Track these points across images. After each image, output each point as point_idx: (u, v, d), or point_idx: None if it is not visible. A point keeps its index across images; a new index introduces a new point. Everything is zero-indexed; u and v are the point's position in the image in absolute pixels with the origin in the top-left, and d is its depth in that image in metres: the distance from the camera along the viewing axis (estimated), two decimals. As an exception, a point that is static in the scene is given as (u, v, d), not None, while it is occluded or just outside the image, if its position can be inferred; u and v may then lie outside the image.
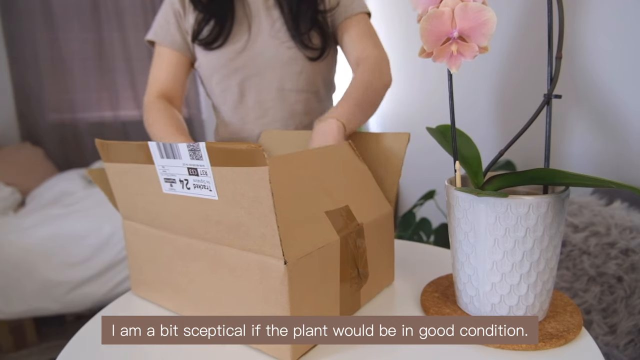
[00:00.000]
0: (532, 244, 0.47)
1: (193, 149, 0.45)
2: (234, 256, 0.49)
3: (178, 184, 0.50)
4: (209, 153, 0.44)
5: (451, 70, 0.46)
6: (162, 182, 0.52)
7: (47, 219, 1.89)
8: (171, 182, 0.51)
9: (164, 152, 0.49)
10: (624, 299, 0.91)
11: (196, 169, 0.47)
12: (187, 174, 0.48)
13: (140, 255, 0.62)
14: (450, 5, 0.43)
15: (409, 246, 0.77)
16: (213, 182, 0.46)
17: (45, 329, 1.95)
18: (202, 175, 0.46)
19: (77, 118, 2.90)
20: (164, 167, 0.50)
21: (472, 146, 0.56)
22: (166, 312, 0.60)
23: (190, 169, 0.47)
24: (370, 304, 0.59)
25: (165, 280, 0.59)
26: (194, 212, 0.50)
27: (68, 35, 2.79)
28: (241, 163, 0.42)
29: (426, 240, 1.66)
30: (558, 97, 0.47)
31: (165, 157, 0.49)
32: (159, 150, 0.49)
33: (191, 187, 0.49)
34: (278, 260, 0.44)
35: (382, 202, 0.62)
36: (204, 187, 0.47)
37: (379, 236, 0.60)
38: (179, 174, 0.49)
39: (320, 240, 0.49)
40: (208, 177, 0.46)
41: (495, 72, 1.63)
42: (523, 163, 1.52)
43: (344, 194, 0.56)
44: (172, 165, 0.49)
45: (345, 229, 0.53)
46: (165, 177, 0.51)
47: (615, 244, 0.95)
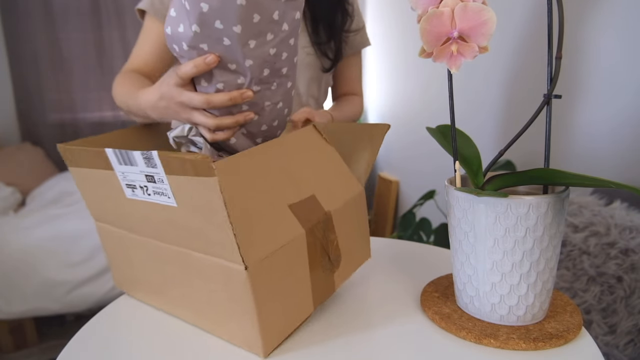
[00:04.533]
0: (532, 244, 0.47)
1: (147, 157, 0.46)
2: (200, 260, 0.49)
3: (139, 189, 0.50)
4: (162, 162, 0.45)
5: (451, 70, 0.46)
6: (124, 187, 0.52)
7: (47, 219, 1.89)
8: (132, 188, 0.51)
9: (121, 159, 0.49)
10: (623, 299, 0.91)
11: (153, 176, 0.47)
12: (146, 181, 0.49)
13: (116, 256, 0.63)
14: (450, 5, 0.44)
15: (409, 246, 0.77)
16: (170, 189, 0.47)
17: (45, 329, 1.95)
18: (159, 182, 0.47)
19: (77, 118, 2.90)
20: (123, 174, 0.51)
21: (472, 146, 0.56)
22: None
23: (147, 175, 0.48)
24: (370, 303, 0.59)
25: (142, 280, 0.60)
26: (158, 217, 0.51)
27: (68, 35, 2.79)
28: (193, 173, 0.43)
29: (426, 240, 1.66)
30: (558, 97, 0.47)
31: (123, 164, 0.49)
32: (117, 157, 0.49)
33: (151, 193, 0.49)
34: (239, 266, 0.45)
35: (352, 184, 0.61)
36: (163, 194, 0.48)
37: (351, 218, 0.59)
38: (138, 180, 0.49)
39: (283, 236, 0.49)
40: (165, 185, 0.47)
41: (495, 72, 1.63)
42: (523, 163, 1.52)
43: (311, 182, 0.55)
44: (131, 172, 0.49)
45: (311, 220, 0.52)
46: (126, 182, 0.51)
47: (615, 244, 0.95)
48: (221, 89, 0.55)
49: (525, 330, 0.49)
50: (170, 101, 0.58)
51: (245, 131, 0.60)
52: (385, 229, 2.38)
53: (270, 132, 0.62)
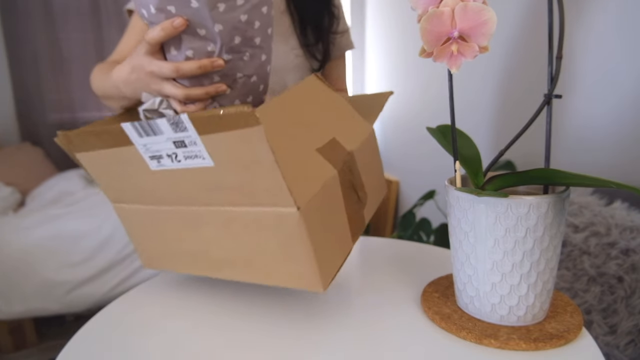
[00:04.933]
0: (533, 244, 0.47)
1: (175, 123, 0.45)
2: (245, 214, 0.49)
3: (166, 158, 0.49)
4: (194, 123, 0.44)
5: (451, 70, 0.46)
6: (148, 160, 0.51)
7: (47, 219, 1.89)
8: (158, 159, 0.50)
9: (142, 131, 0.48)
10: (624, 299, 0.91)
11: (183, 140, 0.46)
12: (174, 148, 0.47)
13: (142, 234, 0.61)
14: (450, 5, 0.43)
15: (409, 246, 0.77)
16: (204, 150, 0.46)
17: (45, 329, 1.95)
18: (190, 145, 0.46)
19: (77, 118, 2.90)
20: (145, 146, 0.49)
21: (472, 146, 0.56)
22: (172, 308, 0.60)
23: (176, 142, 0.47)
24: (370, 303, 0.59)
25: (177, 251, 0.59)
26: (191, 182, 0.50)
27: (68, 35, 2.79)
28: (233, 127, 0.42)
29: (426, 240, 1.66)
30: (558, 97, 0.47)
31: (145, 136, 0.48)
32: (136, 131, 0.48)
33: (182, 159, 0.48)
34: (291, 208, 0.46)
35: (364, 125, 0.63)
36: (196, 157, 0.47)
37: (368, 157, 0.61)
38: (164, 148, 0.48)
39: (321, 177, 0.49)
40: (198, 147, 0.46)
41: (496, 72, 1.63)
42: (523, 163, 1.52)
43: (329, 127, 0.56)
44: (155, 142, 0.48)
45: (338, 161, 0.53)
46: (149, 155, 0.50)
47: (616, 244, 0.95)
48: (191, 57, 0.53)
49: (526, 331, 0.49)
50: (140, 72, 0.57)
51: (218, 105, 0.59)
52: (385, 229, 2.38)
53: None
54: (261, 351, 0.50)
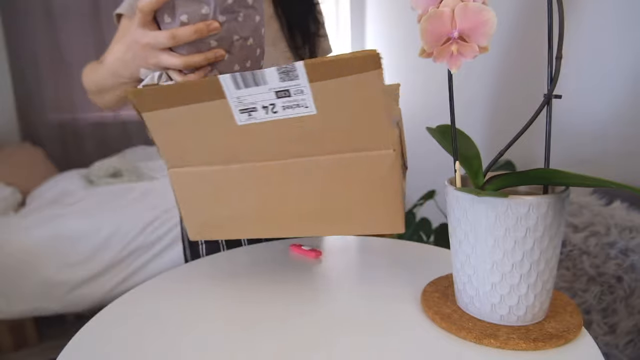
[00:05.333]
0: (532, 244, 0.47)
1: (285, 71, 0.47)
2: (335, 162, 0.53)
3: (260, 111, 0.51)
4: (308, 69, 0.46)
5: (451, 71, 0.46)
6: (237, 114, 0.52)
7: (47, 219, 1.90)
8: (250, 112, 0.51)
9: (241, 82, 0.49)
10: (623, 299, 0.91)
11: (288, 89, 0.48)
12: (275, 98, 0.50)
13: (198, 200, 0.61)
14: (450, 5, 0.44)
15: (409, 246, 0.77)
16: (311, 97, 0.49)
17: (46, 328, 1.95)
18: (295, 94, 0.49)
19: (77, 118, 2.91)
20: (239, 98, 0.51)
21: (472, 146, 0.56)
22: (173, 308, 0.60)
23: (279, 91, 0.49)
24: (370, 303, 0.59)
25: (242, 214, 0.60)
26: (283, 132, 0.52)
27: (68, 35, 2.79)
28: (355, 71, 0.46)
29: (426, 240, 1.67)
30: (558, 97, 0.47)
31: (243, 87, 0.49)
32: (234, 82, 0.49)
33: (279, 109, 0.50)
34: (387, 150, 0.52)
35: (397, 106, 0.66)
36: (298, 106, 0.50)
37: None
38: (261, 100, 0.50)
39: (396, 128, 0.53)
40: (304, 95, 0.49)
41: (495, 72, 1.63)
42: (523, 163, 1.52)
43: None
44: (252, 94, 0.50)
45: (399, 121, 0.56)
46: (241, 108, 0.51)
47: (615, 244, 0.95)
48: (186, 22, 0.53)
49: (526, 330, 0.49)
50: (135, 47, 0.56)
51: (218, 73, 0.58)
52: (385, 229, 2.38)
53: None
54: (261, 351, 0.50)
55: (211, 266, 0.73)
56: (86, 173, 2.51)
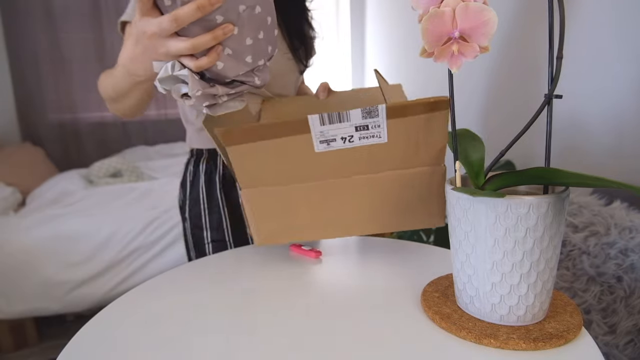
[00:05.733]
0: (532, 244, 0.47)
1: (368, 111, 0.57)
2: (394, 176, 0.65)
3: (339, 141, 0.61)
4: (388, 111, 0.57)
5: (452, 70, 0.46)
6: (317, 144, 0.61)
7: (47, 219, 1.90)
8: (328, 142, 0.61)
9: (327, 120, 0.59)
10: (623, 299, 0.91)
11: (367, 125, 0.59)
12: (354, 131, 0.60)
13: (271, 212, 0.69)
14: (451, 5, 0.44)
15: (409, 246, 0.78)
16: (385, 131, 0.59)
17: (46, 328, 1.95)
18: (373, 129, 0.59)
19: (77, 118, 2.91)
20: (322, 133, 0.60)
21: (480, 149, 0.56)
22: (173, 308, 0.60)
23: (358, 126, 0.59)
24: (370, 303, 0.59)
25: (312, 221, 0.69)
26: (354, 156, 0.62)
27: (68, 35, 2.79)
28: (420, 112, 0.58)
29: (426, 240, 1.67)
30: (559, 97, 0.47)
31: (327, 124, 0.59)
32: (320, 120, 0.59)
33: (355, 140, 0.61)
34: (439, 166, 0.64)
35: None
36: (372, 137, 0.60)
37: None
38: (341, 133, 0.60)
39: None
40: (380, 129, 0.59)
41: (496, 72, 1.63)
42: (523, 163, 1.53)
43: None
44: (334, 129, 0.60)
45: None
46: (321, 139, 0.61)
47: (615, 244, 0.95)
48: (186, 1, 0.50)
49: (525, 330, 0.49)
50: (143, 39, 0.55)
51: (231, 51, 0.55)
52: (385, 229, 2.38)
53: (258, 47, 0.57)
54: (261, 350, 0.50)
55: (211, 266, 0.73)
56: (86, 173, 2.51)
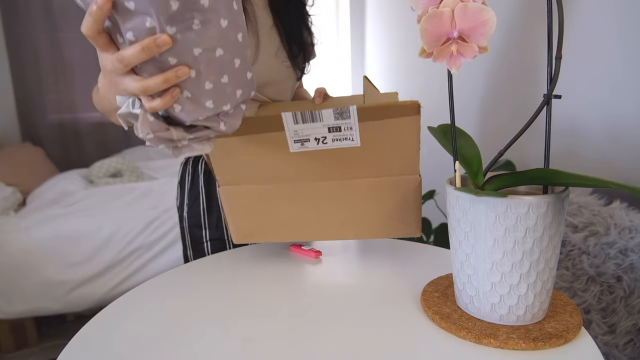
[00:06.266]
0: (532, 244, 0.47)
1: (340, 112, 0.57)
2: (369, 183, 0.65)
3: (312, 142, 0.61)
4: (360, 112, 0.57)
5: (451, 71, 0.46)
6: (291, 143, 0.61)
7: (47, 219, 1.90)
8: (303, 142, 0.61)
9: (300, 119, 0.59)
10: (623, 299, 0.91)
11: (340, 126, 0.59)
12: (326, 132, 0.59)
13: (244, 212, 0.70)
14: (450, 5, 0.44)
15: (409, 246, 0.78)
16: (357, 134, 0.59)
17: (46, 328, 1.95)
18: (345, 130, 0.59)
19: (77, 118, 2.91)
20: (296, 132, 0.60)
21: (473, 146, 0.56)
22: (173, 308, 0.60)
23: (331, 127, 0.59)
24: (370, 303, 0.59)
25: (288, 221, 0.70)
26: (328, 159, 0.63)
27: (68, 36, 2.79)
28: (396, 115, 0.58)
29: (426, 240, 1.67)
30: (558, 97, 0.47)
31: (300, 123, 0.59)
32: (293, 118, 0.59)
33: (329, 141, 0.61)
34: (414, 176, 0.65)
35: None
36: (345, 139, 0.60)
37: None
38: (315, 133, 0.60)
39: None
40: (352, 131, 0.59)
41: (495, 72, 1.63)
42: (523, 163, 1.53)
43: None
44: (308, 128, 0.59)
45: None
46: (296, 139, 0.61)
47: (615, 244, 0.95)
48: (134, 40, 0.45)
49: (525, 330, 0.49)
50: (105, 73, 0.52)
51: (189, 94, 0.49)
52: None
53: (220, 91, 0.50)
54: (261, 350, 0.50)
55: (212, 266, 0.73)
56: (86, 173, 2.51)
